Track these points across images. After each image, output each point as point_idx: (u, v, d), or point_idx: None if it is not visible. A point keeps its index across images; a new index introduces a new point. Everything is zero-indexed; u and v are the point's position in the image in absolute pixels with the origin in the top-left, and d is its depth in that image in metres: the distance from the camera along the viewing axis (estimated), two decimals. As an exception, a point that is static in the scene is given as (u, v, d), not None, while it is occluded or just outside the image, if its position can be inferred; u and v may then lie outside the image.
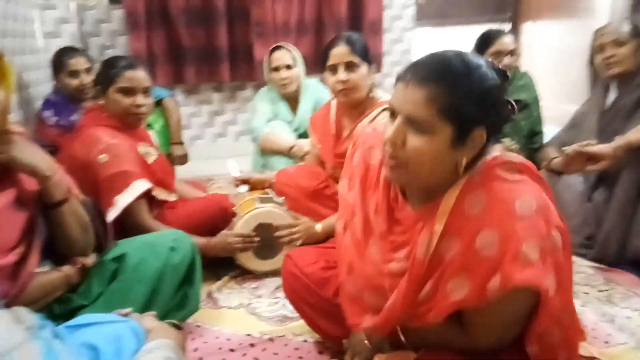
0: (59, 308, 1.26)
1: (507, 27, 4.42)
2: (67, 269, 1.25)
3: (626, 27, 1.93)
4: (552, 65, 3.96)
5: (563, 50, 3.83)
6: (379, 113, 1.84)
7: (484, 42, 2.41)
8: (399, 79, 0.92)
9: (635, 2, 3.33)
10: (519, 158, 0.96)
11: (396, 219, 1.02)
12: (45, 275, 1.21)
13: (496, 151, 0.96)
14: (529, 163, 0.97)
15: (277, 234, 1.85)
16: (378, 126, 1.14)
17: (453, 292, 0.90)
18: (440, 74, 0.87)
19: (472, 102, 0.86)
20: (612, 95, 2.04)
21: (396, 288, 0.98)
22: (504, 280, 0.84)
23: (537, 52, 4.19)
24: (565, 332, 0.97)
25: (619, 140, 1.76)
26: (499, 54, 2.36)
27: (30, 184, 1.17)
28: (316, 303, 1.34)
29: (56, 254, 1.27)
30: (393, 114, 0.92)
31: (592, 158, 1.82)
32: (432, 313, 0.95)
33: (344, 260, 1.12)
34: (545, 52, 4.08)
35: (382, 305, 1.01)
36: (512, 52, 2.36)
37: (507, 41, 2.37)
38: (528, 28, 4.25)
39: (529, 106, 2.41)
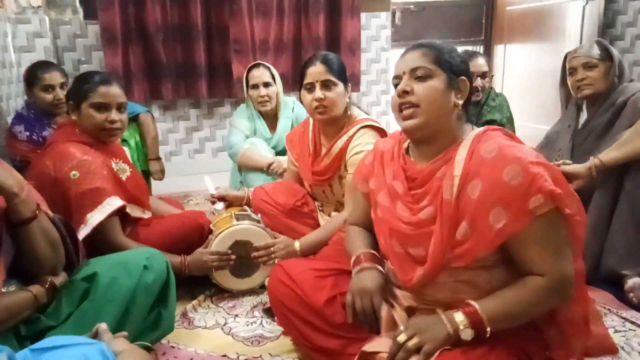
0: (26, 329, 1.21)
1: (480, 49, 4.55)
2: (35, 289, 1.21)
3: (596, 50, 1.99)
4: (525, 86, 4.07)
5: (535, 72, 3.94)
6: (357, 131, 1.85)
7: None
8: (399, 60, 1.23)
9: (604, 26, 3.47)
10: (508, 131, 1.21)
11: (411, 178, 1.23)
12: (11, 296, 1.16)
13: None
14: (515, 135, 1.20)
15: (255, 254, 1.83)
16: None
17: (495, 223, 1.06)
18: (427, 43, 1.21)
19: (454, 57, 1.19)
20: (584, 115, 2.10)
21: (423, 237, 1.15)
22: (545, 196, 1.03)
23: (511, 74, 4.30)
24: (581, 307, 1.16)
25: (593, 161, 1.80)
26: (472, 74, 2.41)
27: None
28: (305, 314, 1.33)
29: (24, 272, 1.23)
30: (396, 85, 1.20)
31: (567, 177, 1.86)
32: (481, 247, 1.09)
33: (384, 228, 1.26)
34: (519, 73, 4.19)
35: (427, 255, 1.16)
36: (484, 74, 2.42)
37: (479, 63, 2.43)
38: (501, 50, 4.37)
39: (503, 126, 2.45)
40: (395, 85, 1.21)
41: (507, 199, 1.05)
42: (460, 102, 1.18)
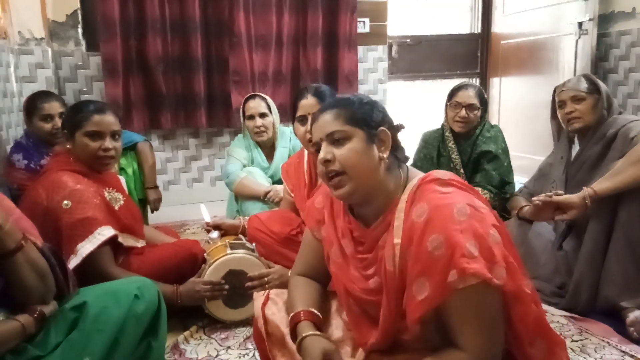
0: (12, 359, 1.18)
1: (476, 81, 4.62)
2: (23, 318, 1.19)
3: (584, 84, 2.02)
4: (520, 118, 4.11)
5: (530, 104, 3.99)
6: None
7: (449, 94, 2.56)
8: (311, 124, 1.21)
9: (597, 59, 3.53)
10: (445, 174, 1.12)
11: (358, 240, 1.18)
12: (-1, 325, 1.15)
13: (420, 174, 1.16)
14: (455, 176, 1.13)
15: (249, 284, 1.81)
16: None
17: (418, 293, 1.00)
18: (336, 102, 1.17)
19: (365, 110, 1.14)
20: (576, 147, 2.12)
21: (377, 303, 1.10)
22: (459, 273, 0.96)
23: (506, 106, 4.36)
24: (547, 342, 1.08)
25: (586, 190, 1.80)
26: (457, 105, 2.47)
27: None
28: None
29: (14, 302, 1.21)
30: (318, 149, 1.15)
31: (561, 207, 1.86)
32: (407, 318, 1.03)
33: (339, 286, 1.21)
34: (514, 105, 4.25)
35: None
36: (470, 106, 2.45)
37: (466, 95, 2.46)
38: (497, 83, 4.44)
39: (498, 157, 2.47)
40: (317, 151, 1.16)
41: (430, 270, 0.99)
42: (385, 154, 1.12)
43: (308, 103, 1.83)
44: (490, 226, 1.01)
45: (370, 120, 1.13)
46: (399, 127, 1.19)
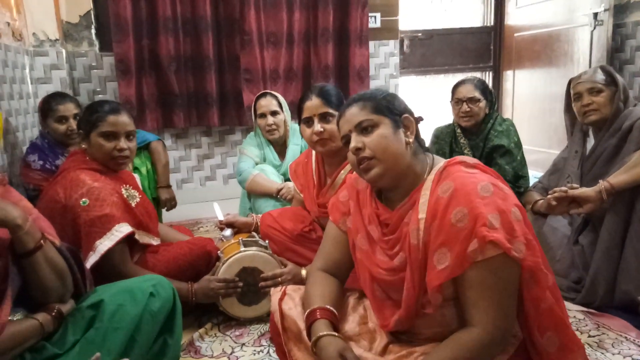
0: (32, 357, 1.20)
1: (489, 75, 4.57)
2: (41, 317, 1.21)
3: (600, 76, 1.98)
4: (535, 111, 4.06)
5: (545, 97, 3.94)
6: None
7: (451, 93, 2.59)
8: (337, 120, 1.28)
9: (612, 50, 3.47)
10: (471, 159, 1.19)
11: (384, 223, 1.23)
12: (17, 324, 1.17)
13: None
14: (479, 162, 1.19)
15: (262, 284, 1.82)
16: None
17: (438, 263, 1.06)
18: (360, 96, 1.25)
19: (389, 100, 1.22)
20: (591, 141, 2.08)
21: (401, 283, 1.14)
22: (480, 241, 1.01)
23: (520, 99, 4.31)
24: (563, 340, 1.10)
25: (603, 184, 1.78)
26: (459, 101, 2.50)
27: (1, 232, 1.14)
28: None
29: (32, 300, 1.23)
30: (347, 141, 1.22)
31: (576, 201, 1.84)
32: (427, 286, 1.08)
33: (364, 272, 1.25)
34: (528, 98, 4.19)
35: None
36: (471, 99, 2.45)
37: (465, 89, 2.49)
38: (510, 76, 4.38)
39: (511, 151, 2.45)
40: (346, 143, 1.23)
41: (452, 241, 1.04)
42: (411, 139, 1.20)
43: (313, 104, 1.81)
44: (513, 204, 1.06)
45: (393, 108, 1.20)
46: (419, 119, 1.26)
